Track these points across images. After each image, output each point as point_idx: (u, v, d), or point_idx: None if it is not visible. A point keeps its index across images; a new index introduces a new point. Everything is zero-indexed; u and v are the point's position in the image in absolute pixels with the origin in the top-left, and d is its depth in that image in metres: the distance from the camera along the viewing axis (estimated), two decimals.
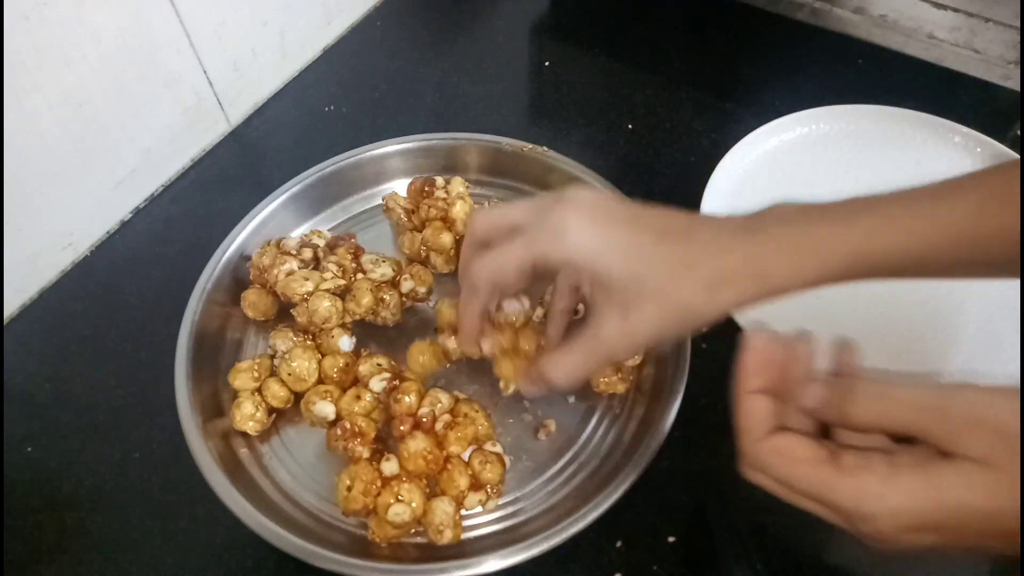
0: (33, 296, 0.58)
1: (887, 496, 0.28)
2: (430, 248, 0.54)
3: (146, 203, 0.63)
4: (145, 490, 0.48)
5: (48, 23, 0.50)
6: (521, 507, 0.47)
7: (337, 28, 0.76)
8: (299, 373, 0.48)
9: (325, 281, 0.50)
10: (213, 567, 0.46)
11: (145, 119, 0.60)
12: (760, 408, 0.32)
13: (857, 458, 0.29)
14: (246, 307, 0.53)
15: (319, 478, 0.48)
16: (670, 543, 0.46)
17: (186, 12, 0.59)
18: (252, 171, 0.66)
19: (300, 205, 0.59)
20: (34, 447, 0.50)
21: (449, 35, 0.78)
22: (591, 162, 0.59)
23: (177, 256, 0.60)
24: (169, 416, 0.48)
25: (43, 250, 0.57)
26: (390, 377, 0.47)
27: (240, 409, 0.48)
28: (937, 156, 0.61)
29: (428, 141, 0.61)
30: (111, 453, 0.50)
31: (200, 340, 0.51)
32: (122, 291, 0.58)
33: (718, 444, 0.49)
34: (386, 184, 0.62)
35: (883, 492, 0.28)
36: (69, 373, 0.54)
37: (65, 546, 0.46)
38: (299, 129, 0.69)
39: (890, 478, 0.28)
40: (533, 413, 0.50)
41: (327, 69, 0.74)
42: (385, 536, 0.44)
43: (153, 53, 0.58)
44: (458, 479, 0.45)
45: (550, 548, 0.42)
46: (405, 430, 0.45)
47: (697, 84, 0.69)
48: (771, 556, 0.45)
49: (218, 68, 0.64)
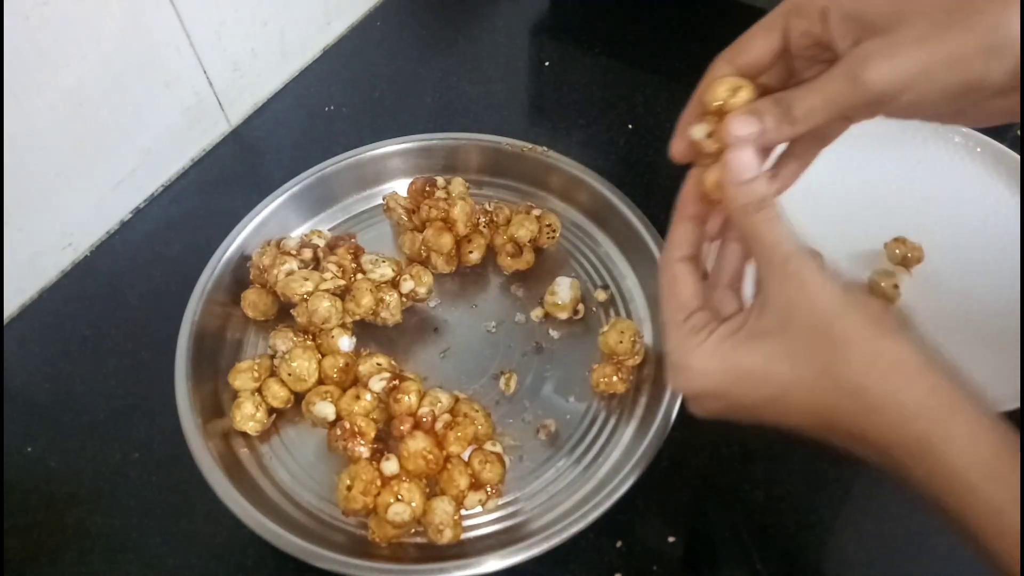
0: (33, 296, 0.58)
1: (692, 355, 0.32)
2: (430, 248, 0.54)
3: (146, 203, 0.63)
4: (145, 490, 0.48)
5: (48, 23, 0.50)
6: (521, 507, 0.47)
7: (337, 28, 0.76)
8: (299, 373, 0.48)
9: (325, 281, 0.50)
10: (213, 567, 0.46)
11: (145, 119, 0.60)
12: (687, 230, 0.36)
13: (701, 319, 0.33)
14: (246, 307, 0.53)
15: (319, 478, 0.48)
16: (670, 543, 0.46)
17: (186, 12, 0.59)
18: (252, 171, 0.66)
19: (300, 205, 0.59)
20: (34, 447, 0.50)
21: (449, 35, 0.78)
22: (591, 162, 0.59)
23: (177, 256, 0.60)
24: (169, 416, 0.48)
25: (43, 250, 0.57)
26: (390, 377, 0.47)
27: (240, 409, 0.48)
28: (937, 156, 0.61)
29: (428, 141, 0.61)
30: (111, 453, 0.50)
31: (200, 340, 0.51)
32: (122, 291, 0.58)
33: (718, 444, 0.49)
34: (386, 184, 0.62)
35: (691, 351, 0.32)
36: (69, 373, 0.54)
37: (65, 546, 0.46)
38: (299, 129, 0.69)
39: (702, 342, 0.32)
40: (533, 413, 0.51)
41: (327, 69, 0.74)
42: (385, 536, 0.44)
43: (153, 53, 0.58)
44: (458, 479, 0.45)
45: (550, 548, 0.42)
46: (405, 430, 0.45)
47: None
48: (771, 556, 0.45)
49: (218, 68, 0.64)
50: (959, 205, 0.59)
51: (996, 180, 0.59)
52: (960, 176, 0.59)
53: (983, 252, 0.56)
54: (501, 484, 0.46)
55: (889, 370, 0.28)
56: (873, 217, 0.57)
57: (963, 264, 0.55)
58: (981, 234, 0.57)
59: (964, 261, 0.55)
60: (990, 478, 0.27)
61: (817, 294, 0.30)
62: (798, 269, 0.30)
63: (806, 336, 0.30)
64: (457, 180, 0.57)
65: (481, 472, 0.45)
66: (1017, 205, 0.58)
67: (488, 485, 0.46)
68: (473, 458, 0.46)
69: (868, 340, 0.29)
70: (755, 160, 0.32)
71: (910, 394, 0.28)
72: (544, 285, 0.55)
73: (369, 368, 0.48)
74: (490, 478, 0.45)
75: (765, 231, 0.31)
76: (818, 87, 0.30)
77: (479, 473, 0.45)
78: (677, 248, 0.36)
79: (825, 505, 0.47)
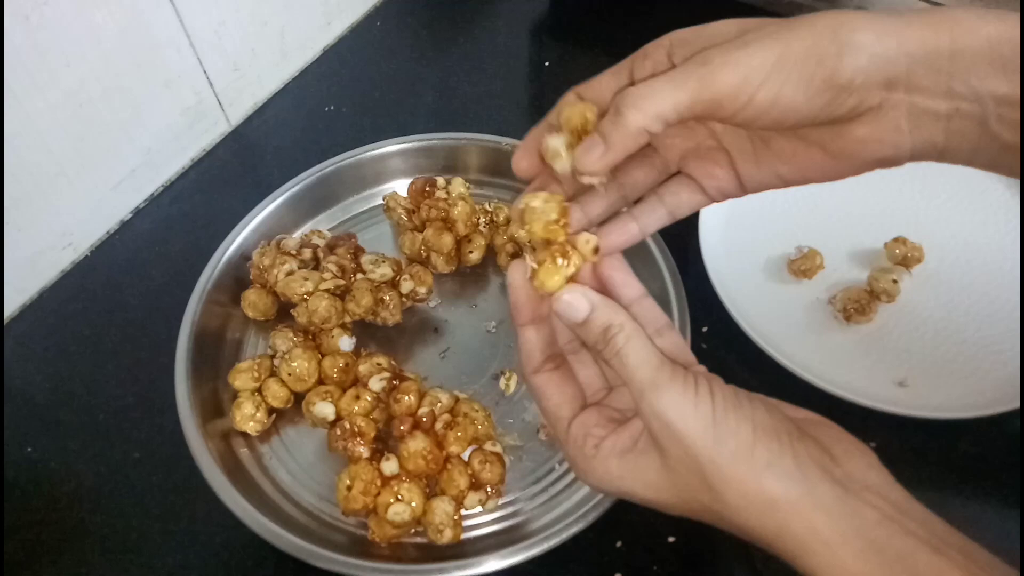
0: (33, 296, 0.58)
1: (587, 470, 0.32)
2: (431, 248, 0.54)
3: (146, 203, 0.63)
4: (145, 490, 0.48)
5: (48, 23, 0.50)
6: (521, 507, 0.47)
7: (337, 28, 0.76)
8: (299, 373, 0.48)
9: (325, 281, 0.50)
10: (213, 567, 0.46)
11: (145, 119, 0.60)
12: (530, 339, 0.34)
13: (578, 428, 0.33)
14: (246, 307, 0.53)
15: (319, 478, 0.48)
16: (670, 543, 0.46)
17: (186, 12, 0.59)
18: (252, 171, 0.66)
19: (300, 205, 0.59)
20: (34, 447, 0.50)
21: (449, 35, 0.78)
22: None
23: (177, 256, 0.60)
24: (169, 416, 0.48)
25: (43, 250, 0.57)
26: (390, 377, 0.47)
27: (240, 409, 0.48)
28: None
29: (428, 141, 0.61)
30: (111, 453, 0.50)
31: (200, 340, 0.51)
32: (122, 291, 0.58)
33: None
34: (386, 184, 0.62)
35: (584, 464, 0.32)
36: (69, 373, 0.54)
37: (65, 546, 0.46)
38: (299, 129, 0.69)
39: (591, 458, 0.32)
40: (533, 413, 0.50)
41: (327, 69, 0.74)
42: (385, 536, 0.44)
43: (153, 53, 0.58)
44: (458, 479, 0.45)
45: (550, 548, 0.42)
46: (405, 430, 0.45)
47: None
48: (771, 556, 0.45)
49: (218, 68, 0.64)
50: (959, 205, 0.59)
51: (996, 180, 0.59)
52: (960, 176, 0.59)
53: (983, 252, 0.56)
54: (501, 484, 0.46)
55: (764, 512, 0.28)
56: (873, 217, 0.57)
57: (963, 264, 0.55)
58: (981, 234, 0.57)
59: (964, 261, 0.56)
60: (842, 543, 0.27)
61: (683, 432, 0.29)
62: (661, 405, 0.29)
63: (683, 472, 0.29)
64: (457, 180, 0.57)
65: (481, 472, 0.45)
66: (1017, 205, 0.58)
67: (488, 485, 0.46)
68: (473, 458, 0.46)
69: (738, 482, 0.28)
70: (580, 298, 0.31)
71: (790, 533, 0.28)
72: None
73: (369, 368, 0.48)
74: (490, 478, 0.45)
75: (617, 364, 0.31)
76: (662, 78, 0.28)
77: (479, 473, 0.45)
78: (529, 362, 0.35)
79: None
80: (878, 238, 0.55)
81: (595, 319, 0.31)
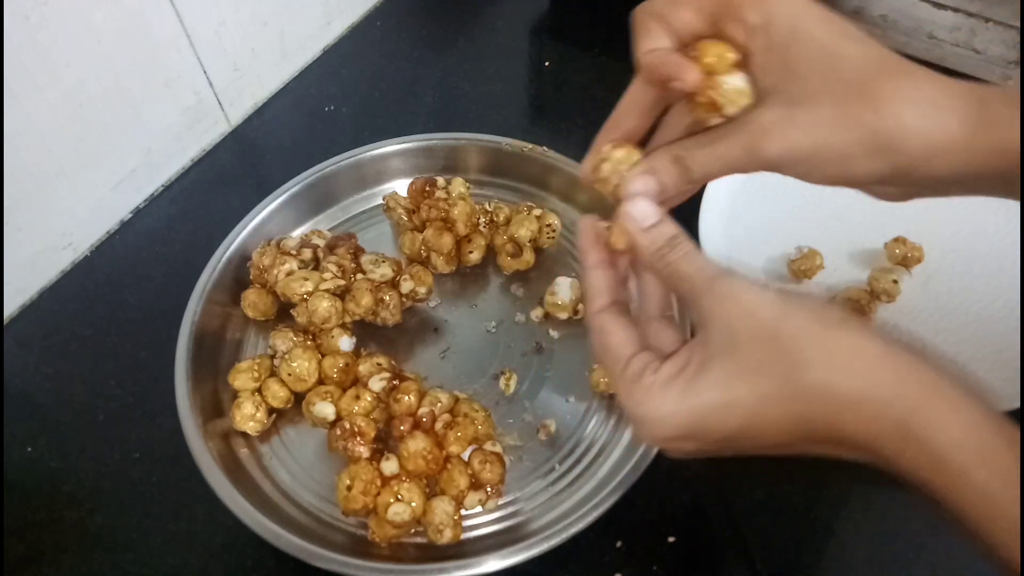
0: (33, 296, 0.58)
1: (644, 405, 0.31)
2: (431, 249, 0.54)
3: (146, 203, 0.63)
4: (145, 490, 0.48)
5: (48, 23, 0.50)
6: (521, 507, 0.47)
7: (337, 28, 0.76)
8: (299, 373, 0.48)
9: (325, 281, 0.50)
10: (213, 567, 0.46)
11: (145, 119, 0.60)
12: (598, 279, 0.35)
13: (639, 363, 0.32)
14: (246, 307, 0.53)
15: (319, 478, 0.48)
16: (670, 543, 0.46)
17: (186, 12, 0.59)
18: (252, 171, 0.66)
19: (300, 205, 0.59)
20: (34, 447, 0.50)
21: (449, 35, 0.78)
22: None
23: (177, 256, 0.60)
24: (169, 416, 0.48)
25: (43, 250, 0.57)
26: (390, 377, 0.48)
27: (240, 409, 0.48)
28: None
29: (428, 141, 0.61)
30: (111, 453, 0.50)
31: (200, 340, 0.51)
32: (122, 291, 0.58)
33: None
34: (386, 184, 0.62)
35: (641, 401, 0.31)
36: (69, 373, 0.54)
37: (65, 546, 0.46)
38: (299, 129, 0.69)
39: (648, 388, 0.31)
40: (533, 413, 0.51)
41: (327, 69, 0.74)
42: (385, 536, 0.44)
43: (153, 53, 0.58)
44: (458, 479, 0.45)
45: (550, 548, 0.42)
46: (405, 430, 0.45)
47: None
48: (771, 556, 0.45)
49: (218, 68, 0.64)
50: (959, 205, 0.59)
51: None
52: None
53: (983, 252, 0.56)
54: (501, 484, 0.46)
55: (850, 361, 0.27)
56: (873, 217, 0.57)
57: (963, 264, 0.55)
58: (981, 234, 0.57)
59: (964, 261, 0.56)
60: (978, 459, 0.25)
61: (754, 305, 0.29)
62: (728, 287, 0.30)
63: (756, 350, 0.28)
64: (457, 180, 0.57)
65: (481, 472, 0.45)
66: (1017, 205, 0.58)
67: (488, 485, 0.46)
68: (473, 458, 0.46)
69: (819, 337, 0.28)
70: (652, 207, 0.32)
71: (879, 381, 0.27)
72: (544, 285, 0.55)
73: (369, 368, 0.48)
74: (490, 478, 0.45)
75: (684, 266, 0.31)
76: (717, 151, 0.31)
77: (479, 473, 0.45)
78: (594, 300, 0.35)
79: (825, 505, 0.47)
80: (878, 238, 0.55)
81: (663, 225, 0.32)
